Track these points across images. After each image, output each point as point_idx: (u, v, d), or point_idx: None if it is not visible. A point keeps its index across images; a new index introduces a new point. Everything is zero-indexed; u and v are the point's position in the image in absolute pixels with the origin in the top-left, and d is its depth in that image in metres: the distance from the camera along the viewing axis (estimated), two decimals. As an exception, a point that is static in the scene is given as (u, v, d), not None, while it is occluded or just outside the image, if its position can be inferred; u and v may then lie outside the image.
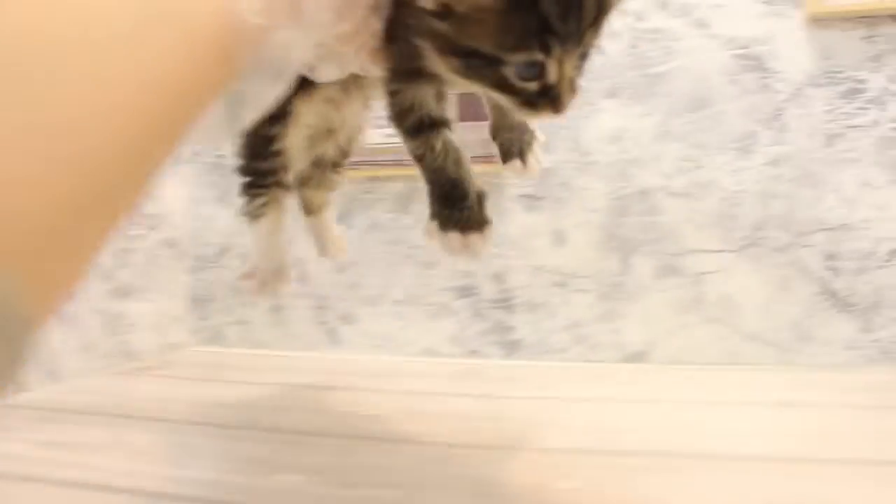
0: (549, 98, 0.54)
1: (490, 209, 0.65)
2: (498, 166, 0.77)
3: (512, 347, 1.40)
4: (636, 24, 1.34)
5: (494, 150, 0.78)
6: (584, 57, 0.56)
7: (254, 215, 0.87)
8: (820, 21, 1.28)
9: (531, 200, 1.37)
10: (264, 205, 0.86)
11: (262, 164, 0.84)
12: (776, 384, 1.17)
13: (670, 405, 1.03)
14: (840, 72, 1.28)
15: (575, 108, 0.56)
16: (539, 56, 0.52)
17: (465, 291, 1.42)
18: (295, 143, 0.81)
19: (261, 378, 1.26)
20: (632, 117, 1.35)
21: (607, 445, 0.84)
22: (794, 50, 1.30)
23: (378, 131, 1.40)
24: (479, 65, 0.53)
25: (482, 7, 0.49)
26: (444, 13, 0.51)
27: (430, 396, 1.11)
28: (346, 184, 1.42)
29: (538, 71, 0.53)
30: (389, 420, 0.97)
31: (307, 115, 0.79)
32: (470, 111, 1.33)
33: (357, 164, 1.40)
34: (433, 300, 1.43)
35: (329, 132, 0.91)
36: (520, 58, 0.52)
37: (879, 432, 0.88)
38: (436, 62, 0.55)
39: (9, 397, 0.82)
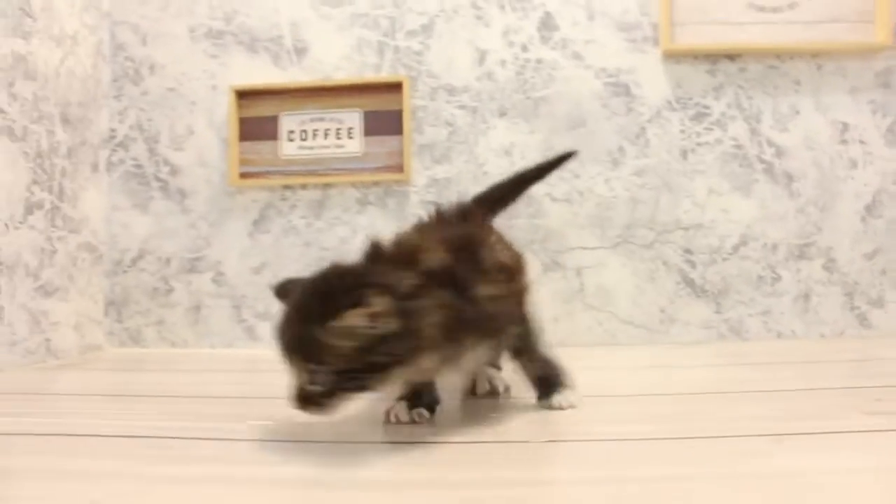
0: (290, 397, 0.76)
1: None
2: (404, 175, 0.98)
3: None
4: (522, 54, 1.56)
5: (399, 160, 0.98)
6: (314, 375, 0.74)
7: None
8: (673, 56, 1.54)
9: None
10: None
11: None
12: (647, 357, 1.38)
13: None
14: (690, 98, 1.54)
15: (321, 415, 0.74)
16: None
17: (375, 287, 1.56)
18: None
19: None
20: (520, 133, 1.55)
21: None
22: (653, 80, 1.54)
23: (290, 143, 1.56)
24: None
25: None
26: None
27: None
28: (263, 192, 1.56)
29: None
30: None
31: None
32: (379, 126, 1.50)
33: (272, 173, 1.54)
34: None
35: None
36: None
37: (724, 381, 1.09)
38: None
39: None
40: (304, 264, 1.57)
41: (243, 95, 1.58)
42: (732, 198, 1.53)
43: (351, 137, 1.56)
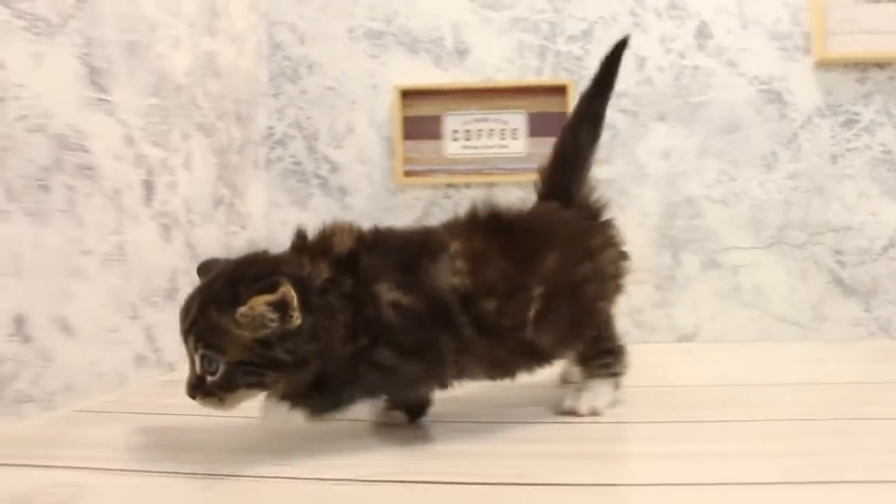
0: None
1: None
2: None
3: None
4: (679, 61, 1.61)
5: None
6: (205, 361, 0.71)
7: None
8: (824, 65, 1.60)
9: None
10: None
11: None
12: (800, 354, 1.44)
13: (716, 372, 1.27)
14: (840, 105, 1.60)
15: (214, 409, 0.73)
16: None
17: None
18: None
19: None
20: (678, 137, 1.61)
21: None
22: (804, 87, 1.60)
23: (455, 143, 1.60)
24: None
25: None
26: None
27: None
28: (426, 190, 1.59)
29: None
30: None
31: None
32: (543, 127, 1.54)
33: (436, 171, 1.58)
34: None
35: None
36: None
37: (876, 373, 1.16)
38: None
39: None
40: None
41: (407, 95, 1.62)
42: (881, 201, 1.60)
43: (515, 138, 1.60)
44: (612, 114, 1.61)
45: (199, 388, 0.71)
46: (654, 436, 0.82)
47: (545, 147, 1.54)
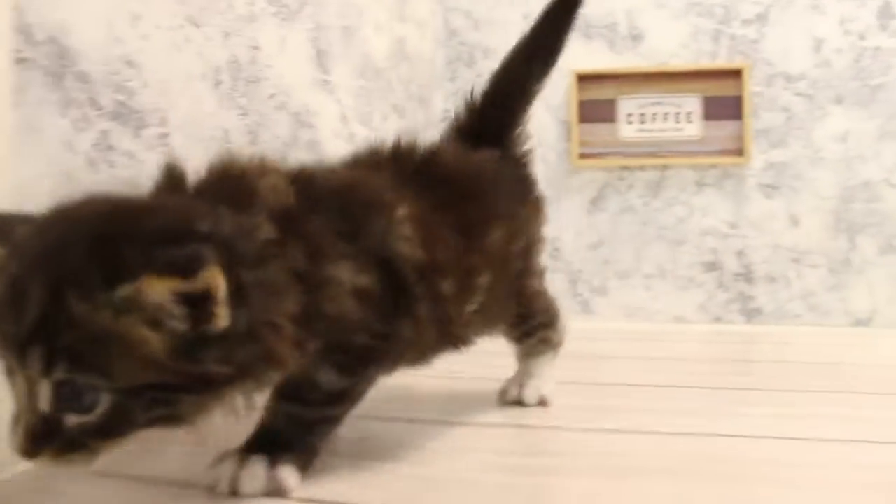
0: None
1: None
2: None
3: (752, 314, 1.62)
4: (859, 42, 1.60)
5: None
6: (61, 392, 0.42)
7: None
8: None
9: (770, 189, 1.61)
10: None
11: None
12: None
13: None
14: None
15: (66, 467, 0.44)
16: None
17: (712, 266, 1.64)
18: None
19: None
20: (856, 120, 1.60)
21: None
22: None
23: (629, 126, 1.63)
24: None
25: None
26: None
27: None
28: (600, 172, 1.63)
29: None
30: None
31: None
32: (719, 110, 1.57)
33: (611, 153, 1.62)
34: (682, 274, 1.64)
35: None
36: None
37: None
38: None
39: None
40: (641, 241, 1.66)
41: (582, 79, 1.66)
42: None
43: (690, 122, 1.63)
44: (788, 97, 1.62)
45: (48, 438, 0.42)
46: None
47: (720, 130, 1.58)
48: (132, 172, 0.75)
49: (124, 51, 0.75)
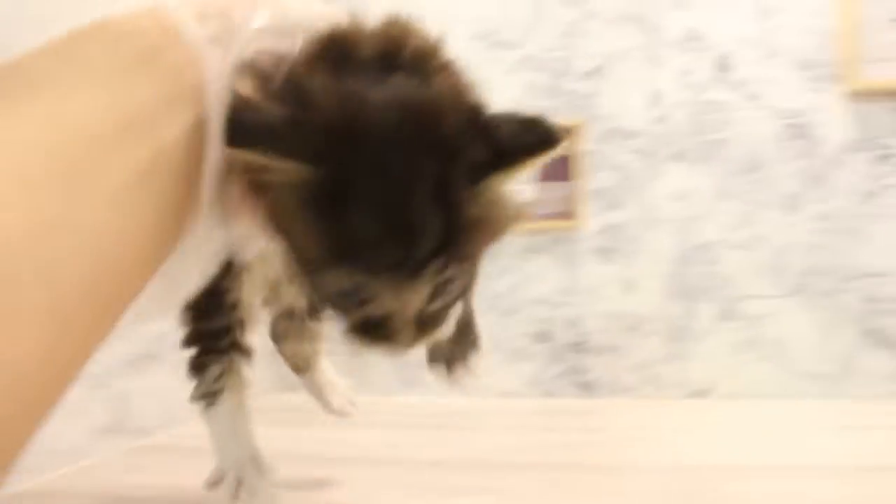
0: (378, 333, 0.42)
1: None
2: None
3: (586, 387, 1.55)
4: (697, 97, 1.52)
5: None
6: (447, 283, 0.41)
7: (209, 395, 0.62)
8: (856, 95, 1.47)
9: (604, 253, 1.53)
10: (220, 376, 0.62)
11: (212, 324, 0.62)
12: (828, 413, 1.33)
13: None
14: (875, 138, 1.48)
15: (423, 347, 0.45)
16: (358, 278, 0.39)
17: (543, 337, 1.57)
18: (252, 295, 0.62)
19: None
20: (694, 177, 1.52)
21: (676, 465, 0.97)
22: (834, 120, 1.48)
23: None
24: (298, 267, 0.40)
25: (283, 185, 0.36)
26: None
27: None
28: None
29: (356, 298, 0.40)
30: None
31: (262, 263, 0.58)
32: (548, 171, 1.49)
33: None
34: (512, 346, 1.57)
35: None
36: (328, 276, 0.39)
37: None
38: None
39: None
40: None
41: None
42: (920, 244, 1.47)
43: (521, 184, 1.55)
44: (624, 155, 1.53)
45: (426, 327, 0.42)
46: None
47: (552, 192, 1.50)
48: None
49: None
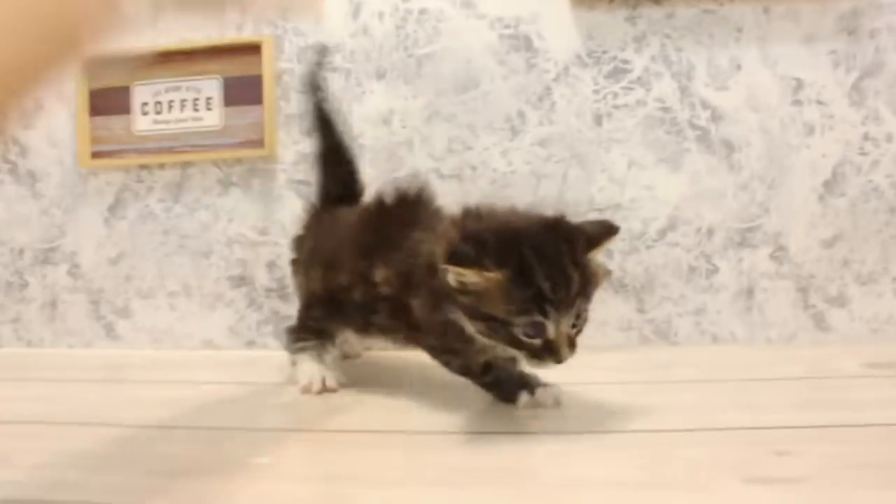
0: (550, 351, 0.71)
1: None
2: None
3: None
4: (402, 5, 1.31)
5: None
6: (578, 318, 0.73)
7: (301, 349, 1.01)
8: (584, 2, 1.26)
9: (304, 186, 1.32)
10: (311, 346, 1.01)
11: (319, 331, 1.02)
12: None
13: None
14: (605, 52, 1.27)
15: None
16: (539, 318, 0.69)
17: (241, 281, 1.36)
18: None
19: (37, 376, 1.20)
20: (399, 98, 1.31)
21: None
22: (560, 30, 1.27)
23: (145, 117, 1.36)
24: (496, 326, 0.71)
25: (491, 285, 0.70)
26: (464, 290, 0.71)
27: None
28: (117, 173, 1.37)
29: (540, 330, 0.70)
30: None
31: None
32: (238, 94, 1.29)
33: (127, 150, 1.35)
34: (209, 291, 1.37)
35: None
36: (524, 320, 0.70)
37: (649, 408, 0.83)
38: (466, 325, 0.73)
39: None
40: (163, 253, 1.39)
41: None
42: (658, 172, 1.26)
43: (210, 109, 1.35)
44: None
45: (571, 345, 0.73)
46: None
47: (242, 118, 1.31)
48: None
49: None
